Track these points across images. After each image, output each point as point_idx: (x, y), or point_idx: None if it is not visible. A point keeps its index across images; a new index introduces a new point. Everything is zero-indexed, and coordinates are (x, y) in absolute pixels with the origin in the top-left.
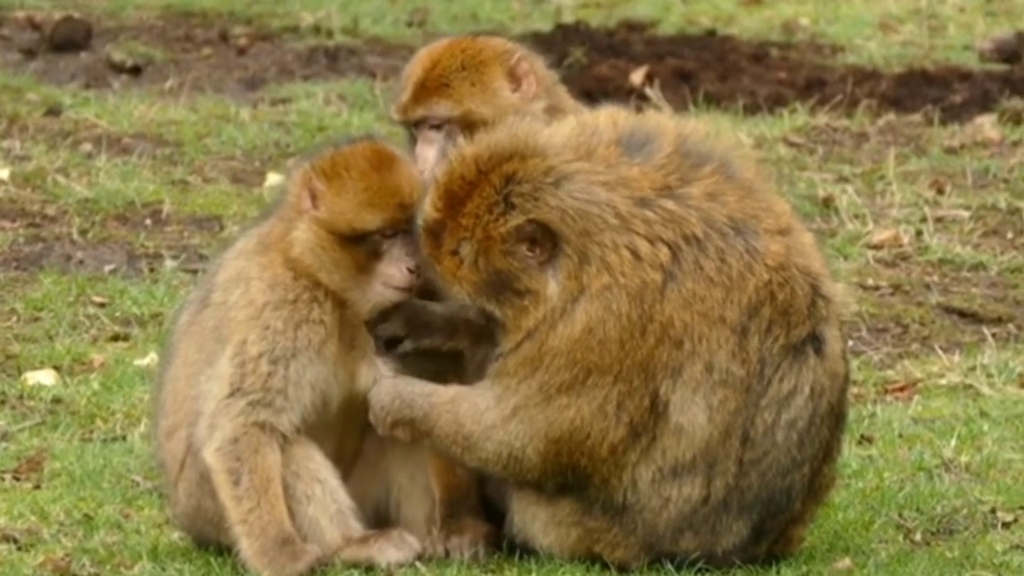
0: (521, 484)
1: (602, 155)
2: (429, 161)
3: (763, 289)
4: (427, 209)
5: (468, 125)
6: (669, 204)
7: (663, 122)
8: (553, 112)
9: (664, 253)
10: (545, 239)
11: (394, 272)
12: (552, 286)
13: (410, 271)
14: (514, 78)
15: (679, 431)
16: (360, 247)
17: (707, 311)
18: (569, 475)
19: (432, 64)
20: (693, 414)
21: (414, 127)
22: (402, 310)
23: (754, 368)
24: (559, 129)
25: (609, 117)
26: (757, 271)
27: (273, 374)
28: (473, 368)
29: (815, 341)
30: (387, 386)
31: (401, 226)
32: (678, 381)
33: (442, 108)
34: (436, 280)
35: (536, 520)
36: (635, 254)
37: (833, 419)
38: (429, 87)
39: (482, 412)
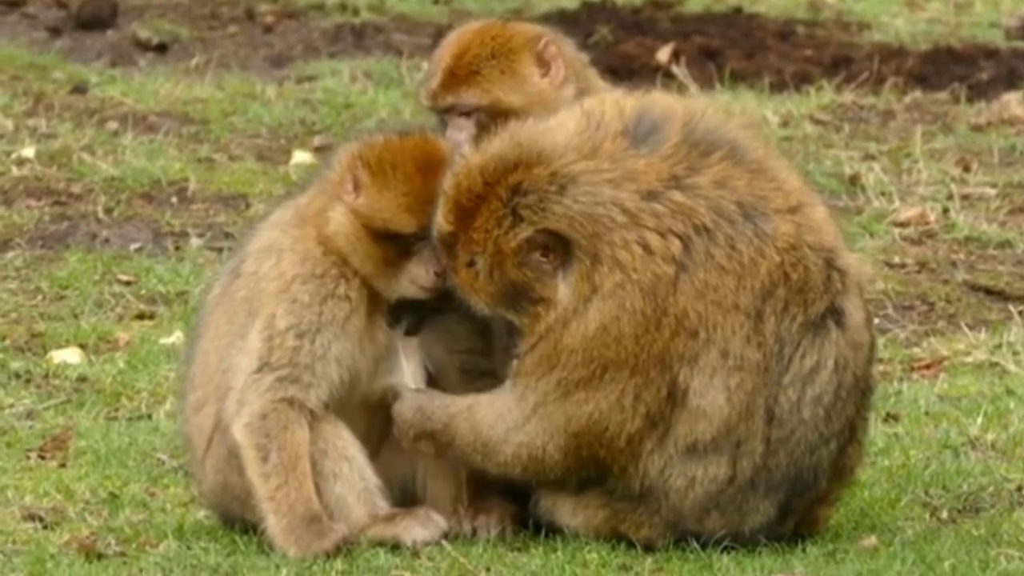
0: (543, 483)
1: (607, 150)
2: (460, 146)
3: (776, 271)
4: (440, 222)
5: (497, 113)
6: (677, 196)
7: (671, 106)
8: (583, 96)
9: (675, 245)
10: (557, 246)
11: (422, 273)
12: (562, 289)
13: (436, 274)
14: (543, 63)
15: (700, 413)
16: (392, 244)
17: (720, 300)
18: (590, 469)
19: (462, 52)
20: (712, 396)
21: (444, 113)
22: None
23: (771, 350)
24: (564, 123)
25: (615, 105)
26: (768, 254)
27: (299, 348)
28: (500, 349)
29: (835, 314)
30: (409, 400)
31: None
32: (695, 368)
33: (471, 97)
34: (455, 290)
35: (565, 503)
36: (646, 248)
37: (859, 393)
38: (458, 75)
39: (501, 415)
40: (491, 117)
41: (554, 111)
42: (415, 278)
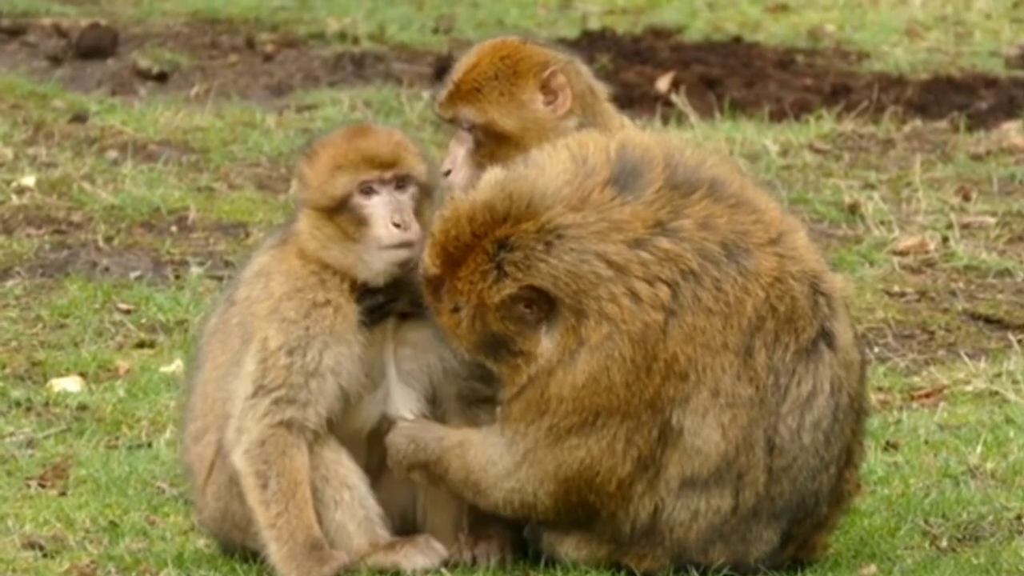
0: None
1: (595, 201)
2: (457, 159)
3: (762, 306)
4: (427, 263)
5: (492, 134)
6: (664, 242)
7: (651, 148)
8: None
9: (664, 292)
10: (541, 300)
11: (381, 233)
12: (545, 343)
13: (396, 225)
14: (548, 91)
15: (694, 452)
16: (344, 216)
17: (709, 341)
18: (579, 513)
19: (472, 67)
20: (707, 434)
21: (449, 123)
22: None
23: (763, 383)
24: (552, 168)
25: (602, 151)
26: (753, 291)
27: (291, 366)
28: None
29: (826, 337)
30: (404, 430)
31: (375, 184)
32: (687, 409)
33: (469, 113)
34: (438, 329)
35: (568, 539)
36: (635, 297)
37: (854, 414)
38: (462, 90)
39: (491, 460)
40: (486, 137)
41: (552, 140)
42: (378, 241)
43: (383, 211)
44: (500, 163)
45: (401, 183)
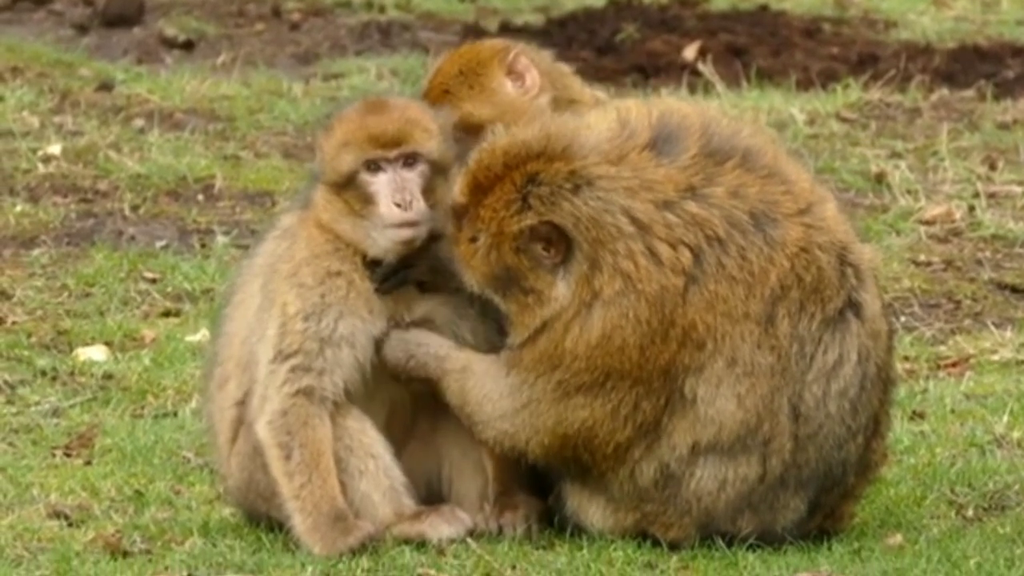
0: (567, 480)
1: (633, 160)
2: None
3: (787, 276)
4: (455, 192)
5: (470, 128)
6: (692, 207)
7: (689, 116)
8: (561, 104)
9: (686, 257)
10: (560, 241)
11: (384, 212)
12: (560, 288)
13: (398, 205)
14: (515, 74)
15: (709, 420)
16: (351, 192)
17: (730, 310)
18: (571, 465)
19: (435, 73)
20: (721, 404)
21: None
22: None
23: (786, 351)
24: (596, 125)
25: (645, 116)
26: (778, 261)
27: (306, 331)
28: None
29: (853, 307)
30: (401, 344)
31: (381, 162)
32: (700, 378)
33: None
34: (452, 260)
35: (593, 506)
36: (654, 258)
37: (881, 384)
38: (430, 96)
39: (490, 399)
40: (466, 132)
41: (530, 120)
42: (382, 219)
43: (387, 189)
44: None
45: (409, 161)
